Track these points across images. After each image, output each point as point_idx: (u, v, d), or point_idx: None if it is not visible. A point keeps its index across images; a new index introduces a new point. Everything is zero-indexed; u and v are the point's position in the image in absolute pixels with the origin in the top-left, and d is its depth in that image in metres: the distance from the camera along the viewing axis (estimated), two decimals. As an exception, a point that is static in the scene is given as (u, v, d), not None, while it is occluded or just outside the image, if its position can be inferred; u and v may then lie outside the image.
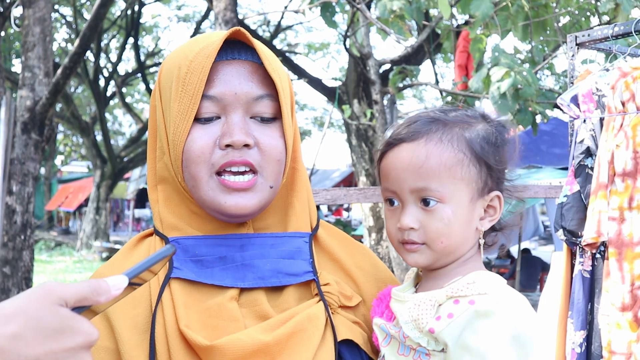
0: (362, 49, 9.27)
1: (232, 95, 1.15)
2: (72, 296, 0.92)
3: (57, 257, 18.82)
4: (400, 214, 1.19)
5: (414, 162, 1.17)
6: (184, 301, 1.15)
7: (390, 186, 1.21)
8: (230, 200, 1.15)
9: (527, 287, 12.92)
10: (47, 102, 6.90)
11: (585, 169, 2.85)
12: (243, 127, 1.15)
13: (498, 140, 1.21)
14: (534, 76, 6.21)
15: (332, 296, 1.20)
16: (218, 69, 1.16)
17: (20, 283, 6.93)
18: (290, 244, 1.21)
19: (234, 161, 1.14)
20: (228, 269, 1.17)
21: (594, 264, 2.81)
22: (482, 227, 1.21)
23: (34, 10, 6.91)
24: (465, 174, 1.17)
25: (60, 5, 20.49)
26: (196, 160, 1.15)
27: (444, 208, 1.16)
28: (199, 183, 1.16)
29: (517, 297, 1.12)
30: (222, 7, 7.35)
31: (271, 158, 1.17)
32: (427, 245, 1.18)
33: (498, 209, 1.22)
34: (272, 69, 1.16)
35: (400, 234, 1.19)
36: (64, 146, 33.72)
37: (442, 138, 1.18)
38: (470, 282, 1.13)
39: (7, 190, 6.91)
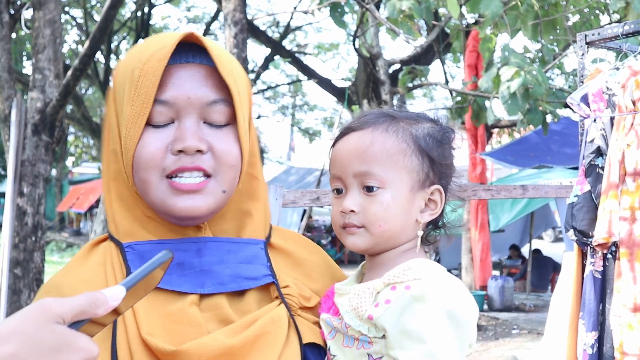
0: (371, 49, 9.26)
1: (185, 99, 1.13)
2: (68, 312, 0.90)
3: (68, 259, 18.85)
4: (344, 199, 1.23)
5: (359, 147, 1.22)
6: (144, 307, 1.13)
7: (336, 172, 1.25)
8: (180, 202, 1.13)
9: (539, 287, 12.87)
10: (57, 103, 6.92)
11: (596, 169, 2.83)
12: (196, 133, 1.13)
13: (443, 138, 1.26)
14: (544, 75, 6.19)
15: (292, 298, 1.20)
16: (172, 72, 1.14)
17: (32, 284, 6.96)
18: (247, 250, 1.21)
19: (185, 167, 1.12)
20: (186, 275, 1.16)
21: (605, 264, 2.79)
22: (422, 219, 1.24)
23: (44, 13, 6.94)
24: (407, 163, 1.21)
25: (70, 7, 20.59)
26: (146, 166, 1.13)
27: (384, 193, 1.20)
28: (149, 186, 1.14)
29: (452, 280, 1.15)
30: (232, 8, 7.35)
31: (225, 163, 1.15)
32: (366, 229, 1.21)
33: (439, 204, 1.25)
34: (226, 72, 1.14)
35: (342, 218, 1.23)
36: (75, 147, 33.86)
37: (388, 129, 1.23)
38: (406, 268, 1.16)
39: (18, 191, 6.94)
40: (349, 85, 12.61)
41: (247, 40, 7.68)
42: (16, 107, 6.93)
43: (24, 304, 6.86)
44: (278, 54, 15.50)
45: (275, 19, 20.39)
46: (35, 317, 0.88)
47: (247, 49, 7.59)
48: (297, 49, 23.79)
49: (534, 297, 12.41)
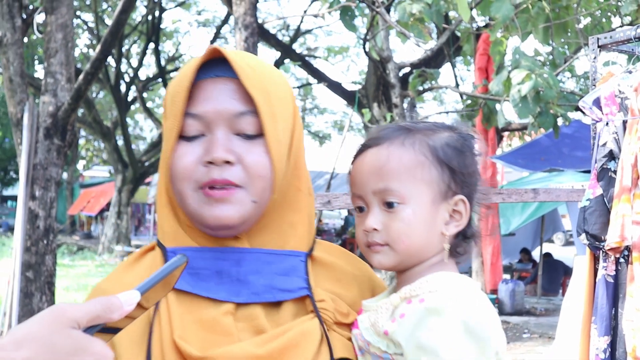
0: (381, 52, 9.26)
1: (214, 112, 1.16)
2: (83, 316, 0.91)
3: (79, 261, 18.95)
4: (365, 217, 1.21)
5: (376, 164, 1.20)
6: (180, 312, 1.16)
7: (356, 191, 1.23)
8: (211, 212, 1.15)
9: (549, 291, 12.82)
10: (69, 107, 6.96)
11: (608, 172, 2.82)
12: (224, 144, 1.16)
13: (462, 146, 1.23)
14: (554, 78, 6.17)
15: (327, 312, 1.20)
16: (203, 87, 1.18)
17: (43, 287, 6.99)
18: (286, 262, 1.22)
19: (214, 180, 1.15)
20: (224, 283, 1.18)
21: (617, 268, 2.78)
22: (448, 231, 1.21)
23: (56, 17, 6.97)
24: (426, 176, 1.18)
25: (82, 12, 20.69)
26: (180, 177, 1.17)
27: (405, 209, 1.18)
28: (185, 197, 1.18)
29: (470, 291, 1.12)
30: (242, 12, 7.37)
31: (254, 174, 1.16)
32: (390, 246, 1.19)
33: (464, 214, 1.22)
34: (251, 84, 1.16)
35: (366, 236, 1.21)
36: (86, 151, 34.02)
37: (404, 142, 1.20)
38: (423, 282, 1.14)
39: (30, 195, 6.98)
40: (359, 88, 12.62)
41: (257, 43, 7.70)
42: (28, 111, 6.97)
43: (35, 307, 6.88)
44: (288, 58, 15.53)
45: (285, 23, 20.43)
46: (50, 322, 0.89)
47: (257, 52, 7.60)
48: (307, 52, 23.82)
49: (545, 301, 12.36)
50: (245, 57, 1.22)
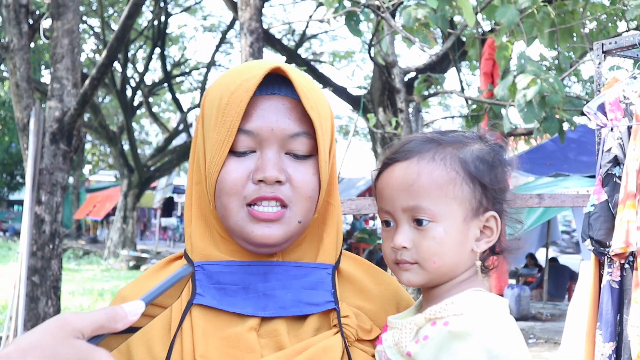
0: (386, 57, 9.26)
1: (269, 131, 1.16)
2: (88, 326, 0.92)
3: (85, 266, 18.98)
4: (394, 233, 1.18)
5: (406, 180, 1.16)
6: (204, 328, 1.16)
7: (384, 206, 1.20)
8: (257, 230, 1.15)
9: (555, 296, 12.78)
10: (75, 112, 6.98)
11: (613, 178, 2.81)
12: (276, 164, 1.15)
13: (494, 160, 1.19)
14: (560, 83, 6.15)
15: (349, 329, 1.19)
16: (257, 103, 1.16)
17: (49, 292, 7.01)
18: (313, 276, 1.22)
19: (265, 196, 1.15)
20: (250, 298, 1.18)
21: (622, 274, 2.77)
22: (478, 248, 1.18)
23: (62, 23, 7.00)
24: (458, 193, 1.15)
25: (88, 17, 20.76)
26: (229, 192, 1.16)
27: (436, 227, 1.14)
28: (230, 213, 1.17)
29: (496, 315, 1.09)
30: (247, 17, 7.38)
31: (302, 195, 1.17)
32: (420, 265, 1.16)
33: (495, 230, 1.19)
34: (310, 106, 1.16)
35: (394, 253, 1.18)
36: (92, 156, 34.10)
37: (435, 157, 1.16)
38: (449, 303, 1.11)
39: (36, 200, 7.00)
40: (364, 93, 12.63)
41: (262, 48, 7.71)
42: (34, 116, 6.99)
43: (41, 311, 6.90)
44: (294, 63, 15.54)
45: (291, 28, 20.46)
46: (54, 332, 0.89)
47: (262, 57, 7.62)
48: (313, 57, 23.83)
49: (551, 306, 12.32)
50: (301, 76, 1.21)
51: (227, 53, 25.61)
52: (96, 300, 11.77)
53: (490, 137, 1.23)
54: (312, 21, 14.81)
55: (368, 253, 16.08)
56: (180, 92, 28.63)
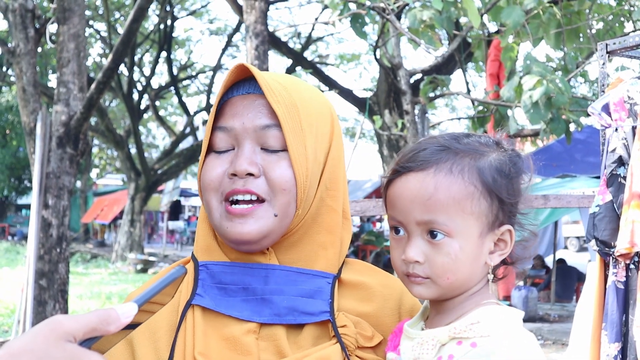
0: (392, 59, 9.26)
1: (241, 125, 1.20)
2: (80, 329, 0.92)
3: (93, 270, 19.02)
4: (406, 245, 1.14)
5: (422, 193, 1.11)
6: (205, 328, 1.18)
7: (396, 215, 1.16)
8: (231, 227, 1.18)
9: (563, 297, 12.74)
10: (81, 116, 7.01)
11: (618, 178, 2.81)
12: (249, 157, 1.18)
13: (511, 172, 1.15)
14: (566, 84, 6.14)
15: (348, 338, 1.19)
16: (234, 102, 1.22)
17: (57, 295, 7.03)
18: (313, 283, 1.22)
19: (237, 190, 1.17)
20: (249, 301, 1.20)
21: (627, 274, 2.77)
22: (492, 261, 1.15)
23: (68, 27, 7.03)
24: (475, 208, 1.11)
25: (94, 21, 20.84)
26: (207, 188, 1.21)
27: (451, 243, 1.11)
28: (211, 209, 1.21)
29: (523, 337, 1.08)
30: (253, 20, 7.40)
31: (277, 187, 1.18)
32: (432, 280, 1.13)
33: (509, 243, 1.16)
34: (274, 99, 1.18)
35: (405, 266, 1.14)
36: (99, 159, 34.20)
37: (452, 169, 1.12)
38: (474, 322, 1.09)
39: (43, 204, 7.02)
40: (370, 95, 12.63)
41: (268, 51, 7.73)
42: (41, 121, 7.02)
43: (49, 315, 6.92)
44: (299, 65, 15.57)
45: (296, 30, 20.48)
46: (45, 335, 0.89)
47: (268, 60, 7.63)
48: (319, 59, 23.86)
49: (559, 307, 12.28)
50: (276, 75, 1.24)
51: (234, 56, 25.67)
52: (104, 304, 11.79)
53: (507, 144, 1.19)
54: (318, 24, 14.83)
55: (375, 255, 16.05)
56: (187, 96, 28.72)
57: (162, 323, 1.22)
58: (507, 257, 1.19)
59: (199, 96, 29.43)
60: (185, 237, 30.00)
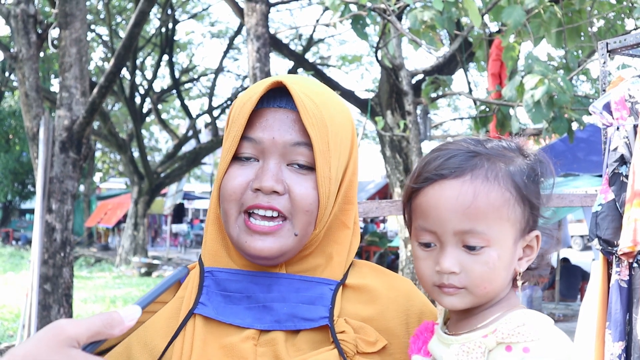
0: (394, 60, 9.26)
1: (270, 140, 1.18)
2: (83, 333, 0.91)
3: (97, 273, 19.04)
4: (439, 256, 1.11)
5: (460, 202, 1.08)
6: (204, 335, 1.19)
7: (429, 226, 1.12)
8: (251, 242, 1.17)
9: (568, 296, 12.73)
10: (84, 121, 7.02)
11: (620, 177, 2.81)
12: (275, 174, 1.17)
13: (537, 176, 1.15)
14: (568, 83, 6.14)
15: (347, 344, 1.19)
16: (264, 115, 1.20)
17: (61, 299, 7.04)
18: (315, 290, 1.22)
19: (260, 205, 1.17)
20: (251, 308, 1.20)
21: (631, 273, 2.77)
22: (520, 267, 1.14)
23: (70, 32, 7.05)
24: (512, 215, 1.10)
25: (96, 26, 20.87)
26: (228, 198, 1.19)
27: (489, 252, 1.09)
28: (229, 219, 1.20)
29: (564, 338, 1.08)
30: (254, 23, 7.41)
31: (300, 207, 1.18)
32: (468, 290, 1.10)
33: (535, 249, 1.15)
34: (309, 122, 1.17)
35: (438, 276, 1.11)
36: (102, 163, 34.24)
37: (488, 175, 1.10)
38: (519, 324, 1.08)
39: (47, 208, 7.04)
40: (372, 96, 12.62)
41: (269, 54, 7.74)
42: (44, 125, 7.04)
43: (53, 319, 6.92)
44: (301, 67, 15.57)
45: (297, 32, 20.49)
46: (48, 341, 0.89)
47: (270, 62, 7.64)
48: (320, 61, 23.85)
49: (563, 307, 12.27)
50: (309, 87, 1.23)
51: (235, 59, 25.72)
52: (108, 307, 11.80)
53: (528, 149, 1.18)
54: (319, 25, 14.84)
55: (379, 256, 16.04)
56: (189, 99, 28.74)
57: (160, 329, 1.22)
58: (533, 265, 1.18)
59: (201, 99, 29.45)
60: (188, 240, 30.03)
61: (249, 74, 7.64)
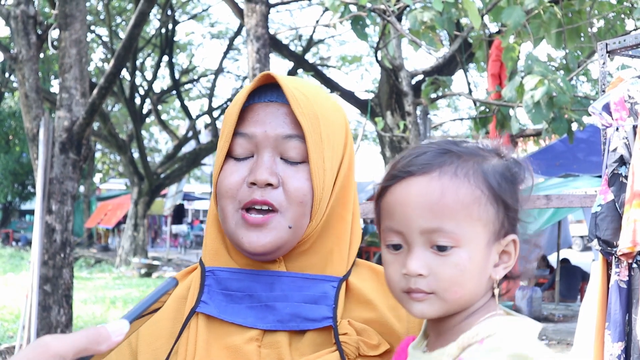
0: (393, 60, 9.27)
1: (262, 133, 1.19)
2: (69, 350, 0.89)
3: (97, 274, 19.04)
4: (406, 258, 1.04)
5: (427, 198, 1.03)
6: (207, 336, 1.18)
7: (395, 225, 1.06)
8: (246, 237, 1.16)
9: (568, 297, 12.72)
10: (84, 122, 7.02)
11: (619, 178, 2.81)
12: (269, 167, 1.17)
13: (514, 177, 1.08)
14: (568, 84, 6.15)
15: (349, 346, 1.17)
16: (256, 110, 1.21)
17: (61, 300, 7.04)
18: (317, 288, 1.21)
19: (255, 200, 1.16)
20: (254, 307, 1.19)
21: (630, 274, 2.77)
22: (497, 275, 1.07)
23: (70, 33, 7.05)
24: (483, 214, 1.04)
25: (96, 26, 20.88)
26: (224, 195, 1.19)
27: (459, 252, 1.02)
28: (226, 216, 1.20)
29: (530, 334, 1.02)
30: (254, 24, 7.42)
31: (293, 199, 1.17)
32: (437, 295, 1.03)
33: (513, 255, 1.08)
34: (300, 111, 1.17)
35: (405, 281, 1.04)
36: (102, 164, 34.26)
37: (457, 172, 1.04)
38: (481, 328, 1.03)
39: (47, 209, 7.04)
40: (372, 97, 12.63)
41: (269, 54, 7.74)
42: (44, 126, 7.04)
43: (53, 320, 6.94)
44: (301, 68, 15.59)
45: (297, 33, 20.50)
46: (34, 359, 0.87)
47: (269, 63, 7.64)
48: (320, 62, 23.86)
49: (563, 307, 12.27)
50: (299, 83, 1.23)
51: (235, 59, 25.71)
52: (108, 308, 11.81)
53: (505, 150, 1.12)
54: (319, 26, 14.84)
55: (379, 257, 16.04)
56: (189, 99, 28.75)
57: (164, 329, 1.22)
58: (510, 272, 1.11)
59: (201, 100, 29.48)
60: (188, 240, 30.03)
61: (249, 74, 7.65)
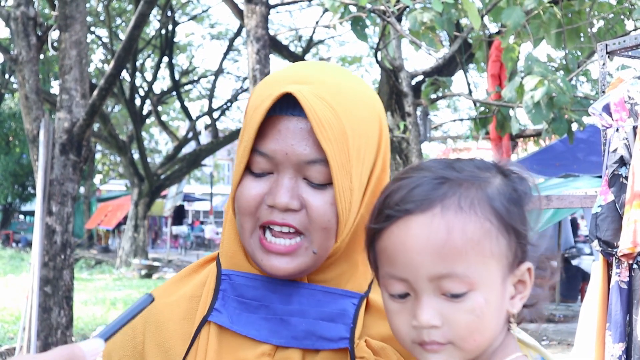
0: (393, 61, 9.27)
1: (283, 155, 1.09)
2: None
3: (98, 275, 19.04)
4: (415, 307, 0.94)
5: (432, 240, 0.91)
6: (217, 348, 1.14)
7: (398, 273, 0.95)
8: (267, 261, 1.11)
9: (568, 297, 12.73)
10: (84, 123, 7.02)
11: (620, 178, 2.82)
12: (290, 190, 1.09)
13: (520, 197, 0.98)
14: (568, 84, 6.15)
15: None
16: (275, 124, 1.10)
17: (61, 302, 7.04)
18: (337, 304, 1.13)
19: (274, 221, 1.10)
20: (268, 320, 1.14)
21: (631, 274, 2.77)
22: (514, 308, 0.98)
23: (70, 34, 7.05)
24: (495, 248, 0.93)
25: (96, 28, 20.89)
26: (243, 212, 1.12)
27: (474, 296, 0.92)
28: (244, 232, 1.13)
29: None
30: (254, 25, 7.42)
31: (317, 224, 1.09)
32: (455, 345, 0.93)
33: (529, 283, 0.99)
34: (324, 135, 1.06)
35: (417, 332, 0.94)
36: (102, 165, 34.28)
37: (461, 204, 0.93)
38: None
39: (47, 210, 7.04)
40: (372, 97, 12.62)
41: (269, 55, 7.75)
42: (44, 128, 7.04)
43: (54, 322, 6.94)
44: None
45: (297, 34, 20.50)
46: None
47: (270, 64, 7.65)
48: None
49: (564, 308, 12.27)
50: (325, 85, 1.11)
51: (235, 60, 25.73)
52: (109, 310, 11.81)
53: (505, 163, 1.01)
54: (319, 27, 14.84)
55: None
56: (189, 100, 28.75)
57: (175, 330, 1.18)
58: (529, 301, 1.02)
59: (201, 101, 29.48)
60: (189, 241, 30.04)
61: (249, 75, 7.65)
